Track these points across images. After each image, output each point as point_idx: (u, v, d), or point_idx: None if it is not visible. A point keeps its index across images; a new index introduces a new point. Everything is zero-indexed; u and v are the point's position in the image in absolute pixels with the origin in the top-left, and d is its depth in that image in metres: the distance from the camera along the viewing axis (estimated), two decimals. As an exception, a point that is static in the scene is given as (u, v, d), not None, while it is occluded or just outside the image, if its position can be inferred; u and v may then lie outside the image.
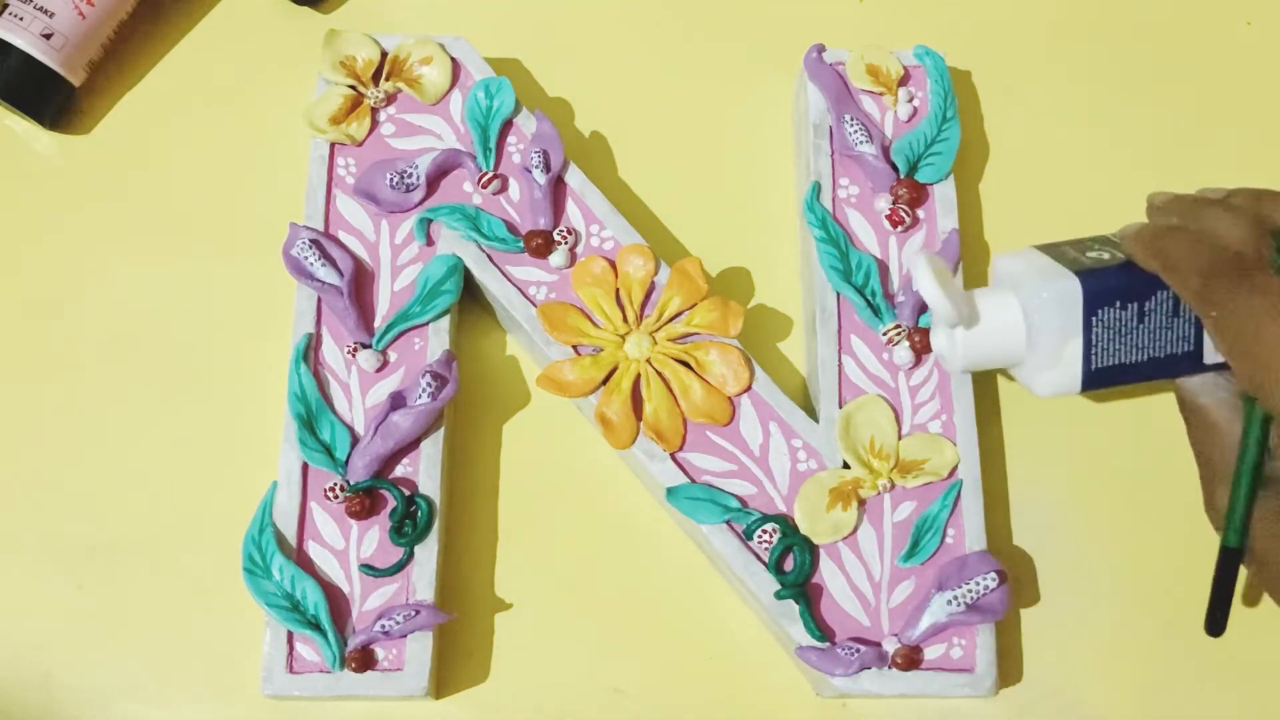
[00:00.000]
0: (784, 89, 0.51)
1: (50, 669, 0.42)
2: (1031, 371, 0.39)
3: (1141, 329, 0.37)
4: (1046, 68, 0.53)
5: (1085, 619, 0.44)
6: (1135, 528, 0.45)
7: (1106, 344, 0.37)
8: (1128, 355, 0.38)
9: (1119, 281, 0.37)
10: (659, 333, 0.43)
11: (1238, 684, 0.44)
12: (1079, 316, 0.37)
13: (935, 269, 0.37)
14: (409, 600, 0.41)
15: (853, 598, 0.41)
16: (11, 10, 0.47)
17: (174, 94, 0.50)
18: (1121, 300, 0.37)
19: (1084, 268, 0.37)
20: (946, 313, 0.38)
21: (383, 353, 0.43)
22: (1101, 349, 0.38)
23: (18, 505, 0.44)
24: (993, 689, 0.41)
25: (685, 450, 0.42)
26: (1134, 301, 0.37)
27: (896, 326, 0.44)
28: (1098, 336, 0.37)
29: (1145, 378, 0.38)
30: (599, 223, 0.45)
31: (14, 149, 0.49)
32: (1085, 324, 0.37)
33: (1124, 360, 0.38)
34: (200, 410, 0.45)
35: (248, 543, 0.40)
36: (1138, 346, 0.38)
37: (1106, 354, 0.38)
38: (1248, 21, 0.54)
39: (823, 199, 0.46)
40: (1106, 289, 0.37)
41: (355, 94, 0.46)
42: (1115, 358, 0.38)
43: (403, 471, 0.42)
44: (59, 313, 0.46)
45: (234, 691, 0.42)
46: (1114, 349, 0.38)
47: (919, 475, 0.42)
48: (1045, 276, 0.38)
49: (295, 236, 0.43)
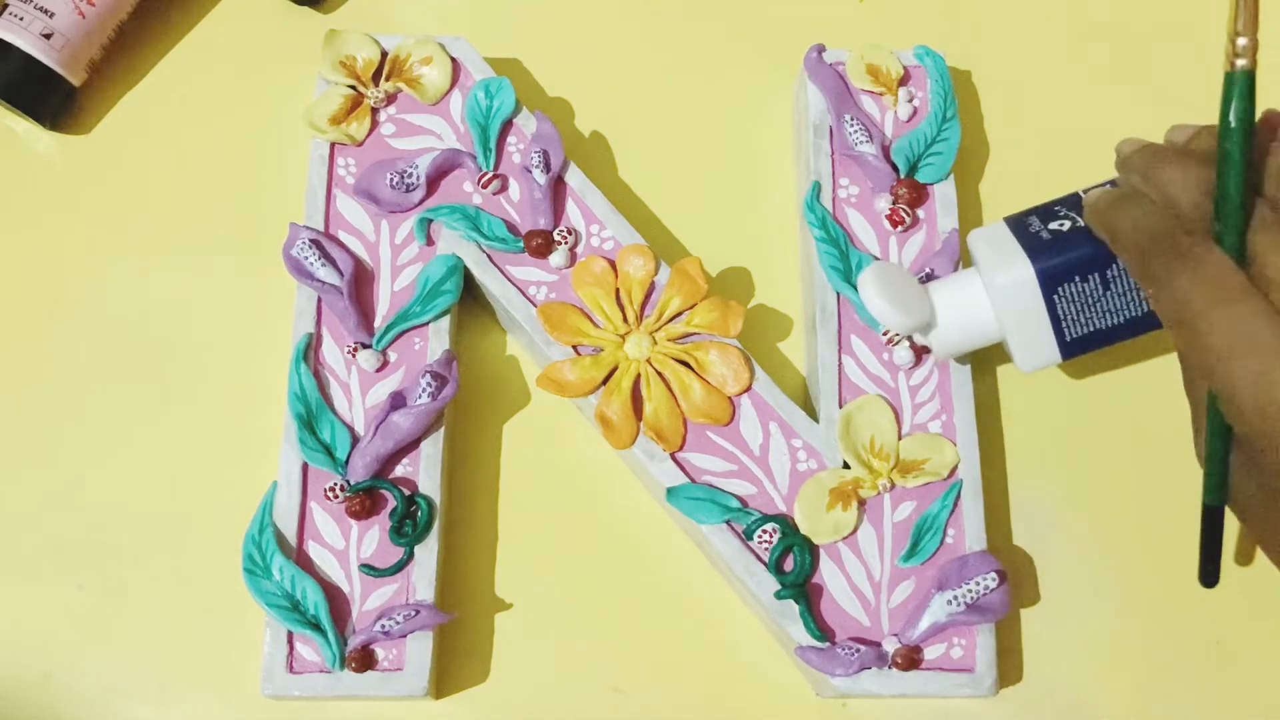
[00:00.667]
0: (784, 89, 0.51)
1: (50, 669, 0.42)
2: (1011, 349, 0.40)
3: (1110, 295, 0.38)
4: (1046, 68, 0.53)
5: (1085, 619, 0.44)
6: (1135, 528, 0.45)
7: (1075, 315, 0.38)
8: (1101, 321, 0.38)
9: (1077, 254, 0.37)
10: (659, 333, 0.43)
11: (1238, 684, 0.44)
12: (1039, 298, 0.38)
13: (883, 283, 0.39)
14: (409, 600, 0.41)
15: (853, 598, 0.41)
16: (11, 10, 0.47)
17: (174, 94, 0.50)
18: (1081, 274, 0.37)
19: (1042, 245, 0.38)
20: (899, 326, 0.39)
21: (383, 353, 0.43)
22: (1071, 321, 0.38)
23: (18, 505, 0.44)
24: (993, 689, 0.41)
25: (685, 450, 0.42)
26: (1095, 272, 0.37)
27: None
28: (1064, 311, 0.38)
29: (1128, 336, 0.39)
30: (599, 223, 0.45)
31: (14, 149, 0.49)
32: (1047, 304, 0.38)
33: (1098, 327, 0.38)
34: (200, 410, 0.45)
35: (248, 543, 0.40)
36: (1109, 311, 0.38)
37: (1077, 324, 0.38)
38: (1248, 21, 0.54)
39: (823, 199, 0.46)
40: (1065, 265, 0.37)
41: (355, 94, 0.46)
42: (1088, 326, 0.38)
43: (403, 471, 0.42)
44: (59, 312, 0.46)
45: (234, 691, 0.42)
46: (1084, 318, 0.38)
47: (919, 475, 0.42)
48: (1003, 261, 0.38)
49: (295, 236, 0.43)
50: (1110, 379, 0.47)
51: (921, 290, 0.40)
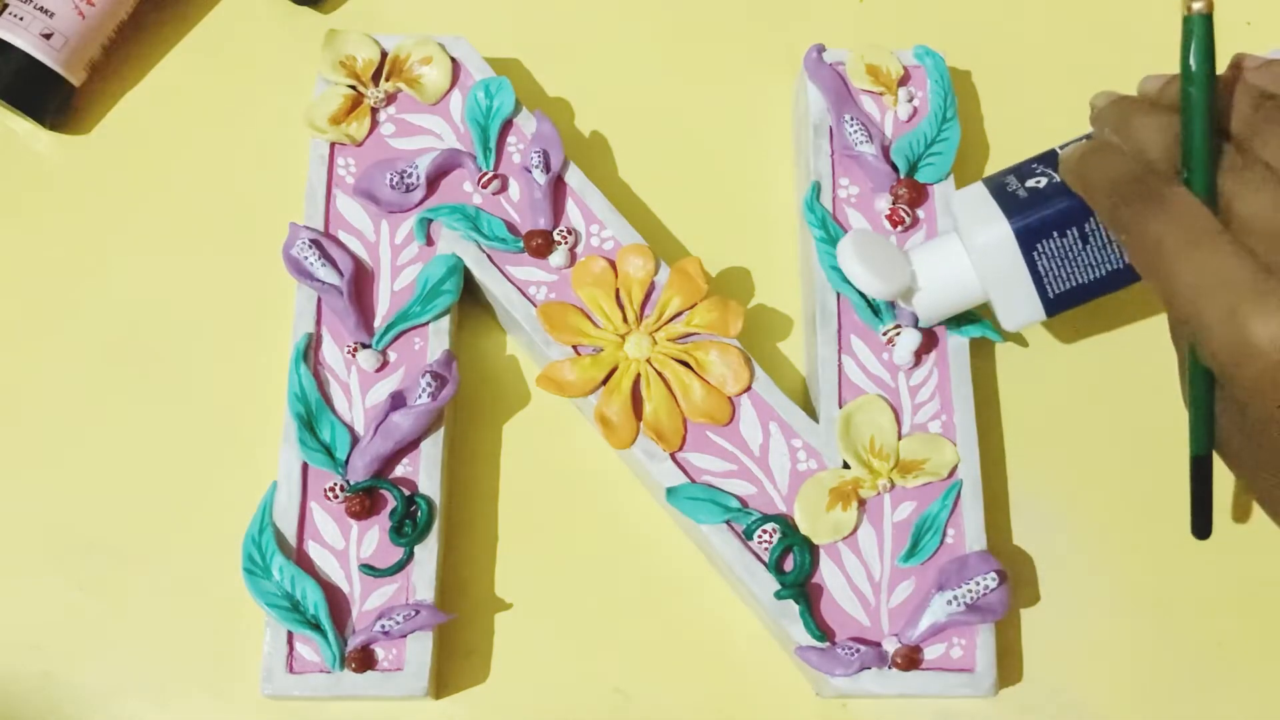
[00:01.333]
0: (784, 89, 0.51)
1: (50, 668, 0.42)
2: (995, 309, 0.40)
3: (1089, 249, 0.38)
4: (1046, 68, 0.53)
5: (1085, 619, 0.44)
6: (1135, 528, 0.45)
7: (1056, 271, 0.38)
8: (1082, 275, 0.39)
9: (1054, 211, 0.38)
10: (659, 333, 0.43)
11: (1238, 684, 0.44)
12: (1018, 255, 0.38)
13: (861, 250, 0.39)
14: (409, 600, 0.41)
15: (853, 598, 0.41)
16: (11, 10, 0.47)
17: (174, 94, 0.50)
18: (1059, 229, 0.38)
19: (1019, 203, 0.38)
20: (878, 292, 0.40)
21: (383, 353, 0.43)
22: (1053, 277, 0.39)
23: (17, 505, 0.44)
24: (993, 689, 0.41)
25: (685, 450, 0.42)
26: (1072, 226, 0.38)
27: (896, 327, 0.44)
28: (1045, 268, 0.38)
29: (1110, 289, 0.39)
30: (599, 223, 0.45)
31: (14, 149, 0.49)
32: (1027, 261, 0.38)
33: (1079, 281, 0.39)
34: (200, 410, 0.45)
35: (248, 543, 0.40)
36: (1089, 266, 0.38)
37: (1060, 280, 0.39)
38: (1248, 21, 0.54)
39: (823, 199, 0.46)
40: (1041, 223, 0.38)
41: (355, 94, 0.46)
42: (1069, 281, 0.39)
43: (403, 471, 0.42)
44: (59, 312, 0.46)
45: (234, 691, 0.42)
46: (1065, 274, 0.38)
47: (919, 475, 0.42)
48: (981, 220, 0.39)
49: (295, 236, 0.43)
50: (1111, 379, 0.47)
51: (901, 256, 0.41)
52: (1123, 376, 0.47)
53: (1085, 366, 0.48)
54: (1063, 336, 0.48)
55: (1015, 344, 0.48)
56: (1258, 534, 0.45)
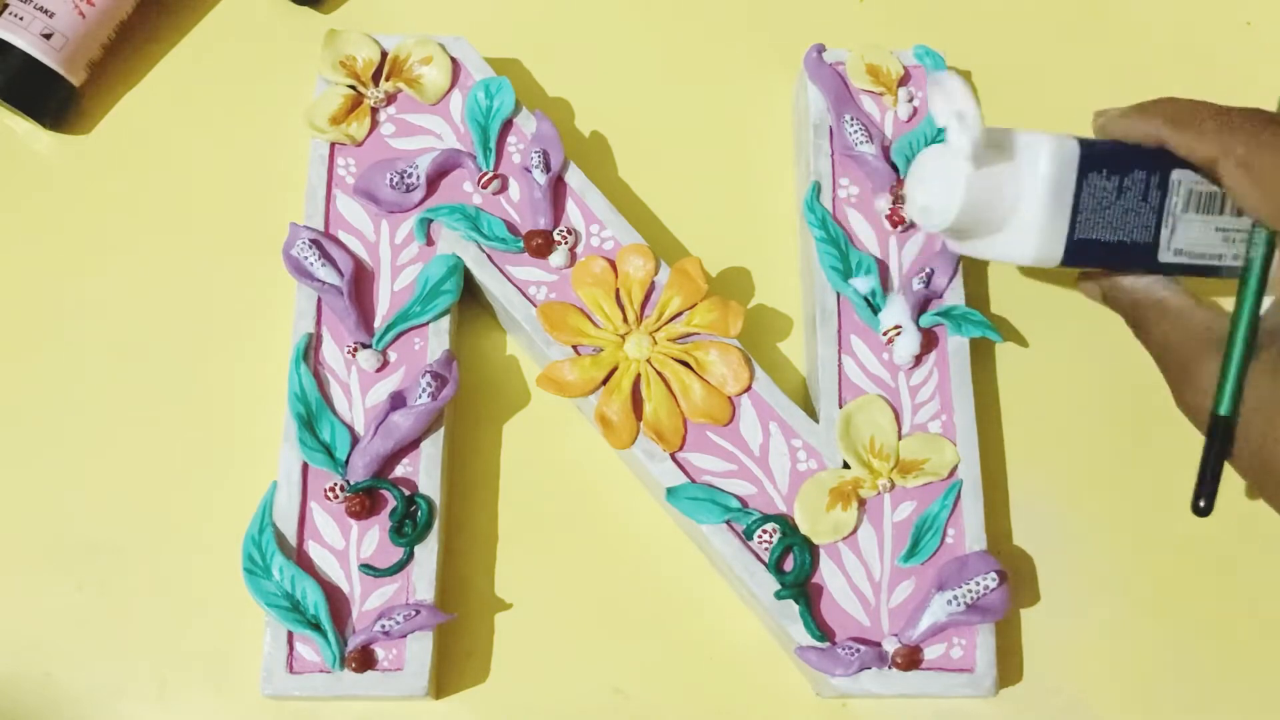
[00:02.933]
0: (784, 89, 0.51)
1: (50, 669, 0.42)
2: (1018, 236, 0.39)
3: (1117, 206, 0.39)
4: (1046, 68, 0.53)
5: (1085, 619, 0.44)
6: (1135, 527, 0.45)
7: (1089, 214, 0.39)
8: (1103, 232, 0.39)
9: (1107, 149, 0.39)
10: (659, 333, 0.43)
11: (1238, 683, 0.44)
12: (1074, 174, 0.38)
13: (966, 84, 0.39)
14: (409, 600, 0.41)
15: (853, 598, 0.41)
16: (11, 10, 0.47)
17: (174, 94, 0.50)
18: (1109, 169, 0.39)
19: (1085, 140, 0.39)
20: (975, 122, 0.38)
21: (383, 353, 0.43)
22: (1085, 218, 0.39)
23: (18, 505, 0.44)
24: (993, 689, 0.41)
25: (685, 450, 0.42)
26: (1117, 174, 0.39)
27: (896, 327, 0.44)
28: (1084, 203, 0.39)
29: (1111, 263, 0.40)
30: (599, 223, 0.45)
31: (14, 149, 0.49)
32: (1078, 185, 0.39)
33: (1099, 237, 0.39)
34: (200, 410, 0.45)
35: (248, 543, 0.40)
36: (1111, 225, 0.39)
37: (1088, 224, 0.39)
38: (1248, 21, 0.54)
39: (823, 199, 0.46)
40: (1098, 153, 0.39)
41: (355, 94, 0.46)
42: (1093, 231, 0.39)
43: (403, 471, 0.42)
44: (59, 313, 0.46)
45: (234, 691, 0.42)
46: (1094, 222, 0.39)
47: (919, 475, 0.42)
48: (1044, 133, 0.39)
49: (295, 236, 0.43)
50: (1111, 379, 0.47)
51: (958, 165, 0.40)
52: (1123, 376, 0.47)
53: (1085, 366, 0.48)
54: (1063, 336, 0.48)
55: (1015, 344, 0.48)
56: (1258, 534, 0.45)
